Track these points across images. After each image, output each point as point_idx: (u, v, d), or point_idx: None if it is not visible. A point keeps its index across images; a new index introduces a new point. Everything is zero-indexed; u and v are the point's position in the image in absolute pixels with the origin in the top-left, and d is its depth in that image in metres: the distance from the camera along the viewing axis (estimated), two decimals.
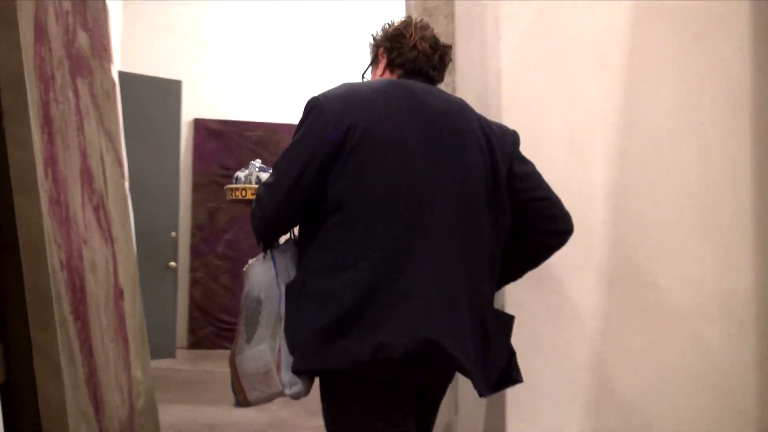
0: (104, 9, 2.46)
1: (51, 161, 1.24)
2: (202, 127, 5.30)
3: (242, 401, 1.45)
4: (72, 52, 1.67)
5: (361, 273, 1.24)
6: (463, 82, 2.05)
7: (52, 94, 1.33)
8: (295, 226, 1.42)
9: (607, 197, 1.84)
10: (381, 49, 1.48)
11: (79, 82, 1.72)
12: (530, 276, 1.81)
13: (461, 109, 1.43)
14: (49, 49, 1.37)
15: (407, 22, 1.48)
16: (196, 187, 5.14)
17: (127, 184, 2.67)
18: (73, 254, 1.30)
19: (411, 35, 1.44)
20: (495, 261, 1.41)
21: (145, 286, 3.79)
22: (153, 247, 4.00)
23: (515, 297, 1.80)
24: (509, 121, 1.83)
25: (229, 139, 5.27)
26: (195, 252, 5.10)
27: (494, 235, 1.39)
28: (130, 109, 3.95)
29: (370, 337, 1.21)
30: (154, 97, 4.28)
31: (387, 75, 1.48)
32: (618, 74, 1.86)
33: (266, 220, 1.37)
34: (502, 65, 1.81)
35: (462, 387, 2.02)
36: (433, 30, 1.50)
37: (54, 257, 1.12)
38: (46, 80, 1.29)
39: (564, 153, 1.83)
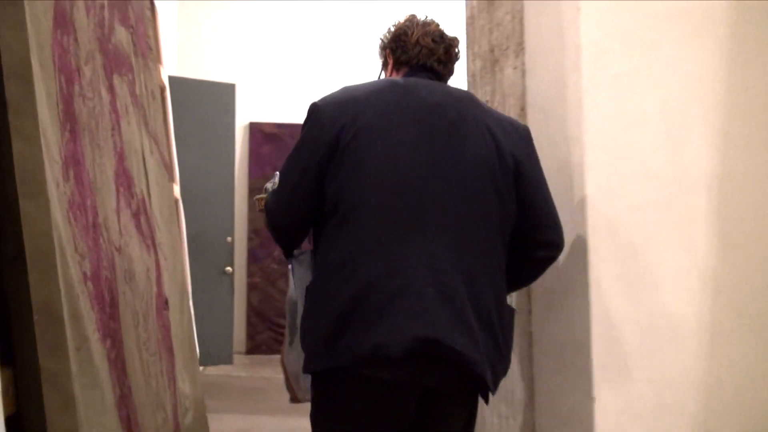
0: (150, 8, 2.37)
1: (74, 161, 1.10)
2: (257, 130, 5.24)
3: (294, 399, 1.51)
4: (108, 47, 1.56)
5: (355, 273, 1.25)
6: (535, 63, 1.83)
7: (77, 88, 1.20)
8: (306, 230, 1.43)
9: (708, 189, 1.58)
10: (388, 51, 1.49)
11: (117, 79, 1.60)
12: (621, 281, 1.58)
13: (461, 101, 1.38)
14: (75, 40, 1.24)
15: (410, 20, 1.49)
16: (252, 192, 5.08)
17: (177, 189, 2.58)
18: (101, 264, 1.16)
19: (413, 32, 1.44)
20: (502, 254, 1.37)
21: (201, 293, 3.73)
22: (209, 252, 3.94)
23: (603, 307, 1.56)
24: (592, 104, 1.60)
25: (285, 143, 5.18)
26: (252, 256, 5.03)
27: (501, 226, 1.35)
28: (184, 114, 3.91)
29: (367, 337, 1.21)
30: (209, 101, 4.23)
31: (394, 74, 1.48)
32: (719, 47, 1.60)
33: (273, 224, 1.42)
34: (582, 40, 1.58)
35: (541, 411, 1.80)
36: (437, 25, 1.48)
37: (74, 269, 0.98)
38: (69, 72, 1.16)
39: (657, 138, 1.58)
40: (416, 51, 1.43)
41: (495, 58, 2.02)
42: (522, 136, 1.43)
